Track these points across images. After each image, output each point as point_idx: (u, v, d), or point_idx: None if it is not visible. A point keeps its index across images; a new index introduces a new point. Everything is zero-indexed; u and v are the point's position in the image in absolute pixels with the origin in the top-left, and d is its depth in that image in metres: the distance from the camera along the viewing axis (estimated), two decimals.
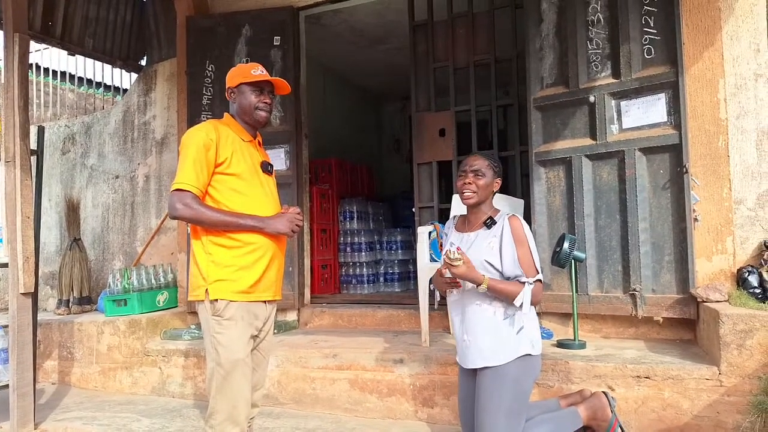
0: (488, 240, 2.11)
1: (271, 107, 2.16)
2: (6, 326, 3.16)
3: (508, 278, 2.08)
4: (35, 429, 3.03)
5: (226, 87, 2.16)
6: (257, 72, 2.10)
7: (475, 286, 2.04)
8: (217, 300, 1.95)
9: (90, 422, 3.14)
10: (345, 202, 5.45)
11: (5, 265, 3.07)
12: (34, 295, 3.10)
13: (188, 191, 1.94)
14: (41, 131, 3.35)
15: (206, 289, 1.96)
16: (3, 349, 3.09)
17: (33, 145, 3.19)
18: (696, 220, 2.92)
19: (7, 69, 3.11)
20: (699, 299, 2.78)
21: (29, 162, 3.10)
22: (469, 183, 2.14)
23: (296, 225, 2.07)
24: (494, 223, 2.13)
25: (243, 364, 1.96)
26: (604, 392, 2.30)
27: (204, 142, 1.96)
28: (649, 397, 2.49)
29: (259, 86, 2.11)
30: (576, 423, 2.20)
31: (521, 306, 2.01)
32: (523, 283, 2.04)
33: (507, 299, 2.04)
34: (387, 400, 2.99)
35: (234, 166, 2.01)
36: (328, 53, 5.82)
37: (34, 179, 3.16)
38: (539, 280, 2.06)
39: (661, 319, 2.98)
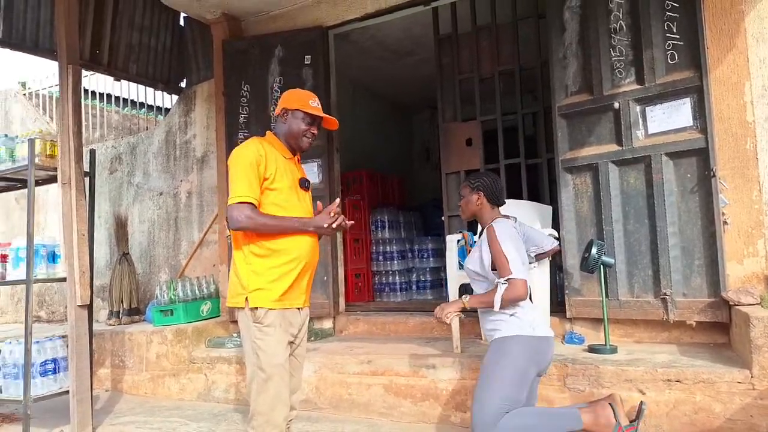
0: (477, 251, 2.39)
1: (314, 138, 2.32)
2: (65, 336, 3.41)
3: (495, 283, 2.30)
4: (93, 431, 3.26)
5: (282, 107, 2.27)
6: (314, 104, 2.26)
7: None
8: (257, 308, 2.09)
9: (142, 426, 3.34)
10: (376, 212, 5.57)
11: (63, 280, 3.31)
12: (90, 307, 3.33)
13: (247, 203, 2.07)
14: (93, 154, 3.60)
15: (246, 297, 2.09)
16: (63, 358, 3.32)
17: (85, 167, 3.43)
18: (725, 223, 2.91)
19: (62, 98, 3.36)
20: (730, 302, 2.77)
21: (83, 183, 3.34)
22: (459, 206, 2.58)
23: (336, 223, 2.15)
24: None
25: (282, 368, 2.09)
26: (611, 404, 2.26)
27: (255, 158, 2.10)
28: (681, 400, 2.51)
29: (311, 117, 2.26)
30: (572, 424, 2.20)
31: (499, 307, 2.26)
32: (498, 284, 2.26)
33: (496, 306, 2.26)
34: (421, 405, 3.09)
35: (277, 182, 2.15)
36: (356, 67, 5.98)
37: (87, 199, 3.40)
38: (511, 279, 2.22)
39: (694, 323, 2.98)
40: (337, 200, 2.25)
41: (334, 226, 2.15)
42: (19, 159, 3.42)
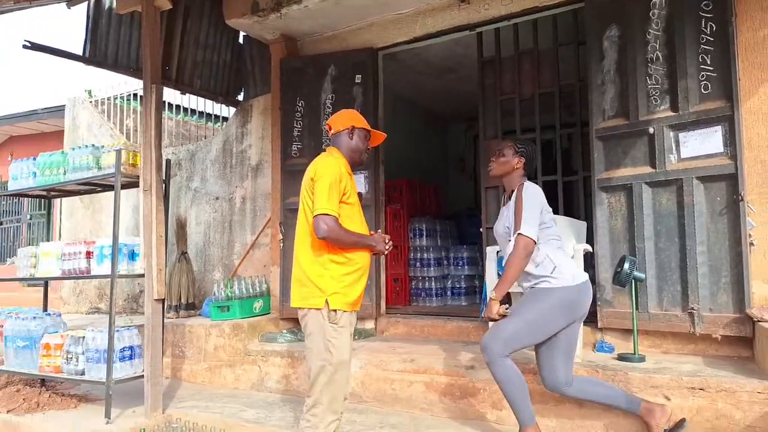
0: (510, 209, 2.64)
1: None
2: (140, 326, 3.81)
3: None
4: (162, 413, 3.63)
5: (351, 124, 2.56)
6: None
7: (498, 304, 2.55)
8: (336, 310, 2.38)
9: (204, 410, 3.70)
10: (414, 221, 5.85)
11: (141, 276, 3.71)
12: (163, 301, 3.72)
13: (333, 215, 2.33)
14: (168, 164, 3.99)
15: (326, 300, 2.37)
16: (138, 345, 3.71)
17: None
18: (752, 244, 3.11)
19: (146, 113, 3.76)
20: (754, 319, 2.97)
21: (162, 190, 3.74)
22: (492, 160, 2.76)
23: (389, 250, 2.54)
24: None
25: (348, 363, 2.41)
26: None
27: (340, 174, 2.40)
28: (703, 407, 2.72)
29: (370, 135, 2.63)
30: (631, 406, 2.61)
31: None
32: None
33: (515, 276, 2.50)
34: (460, 402, 3.36)
35: (351, 197, 2.46)
36: (398, 81, 6.27)
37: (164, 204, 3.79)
38: (519, 234, 2.46)
39: (719, 337, 3.18)
40: (380, 231, 2.64)
41: (386, 253, 2.55)
42: (105, 167, 3.84)
